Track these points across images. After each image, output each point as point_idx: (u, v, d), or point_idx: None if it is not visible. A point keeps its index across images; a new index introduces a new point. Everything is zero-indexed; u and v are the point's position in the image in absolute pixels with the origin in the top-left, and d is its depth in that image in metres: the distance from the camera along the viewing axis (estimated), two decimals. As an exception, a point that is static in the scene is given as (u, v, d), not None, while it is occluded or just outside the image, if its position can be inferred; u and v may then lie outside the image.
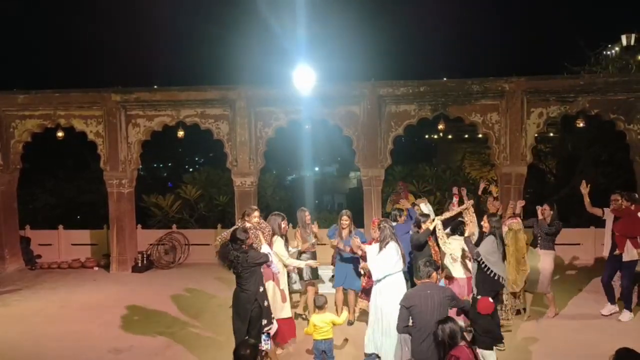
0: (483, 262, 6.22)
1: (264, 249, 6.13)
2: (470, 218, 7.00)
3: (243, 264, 5.67)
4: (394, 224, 6.94)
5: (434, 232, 6.79)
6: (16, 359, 6.73)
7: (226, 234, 6.31)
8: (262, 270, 5.92)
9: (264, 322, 5.81)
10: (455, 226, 7.09)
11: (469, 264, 6.72)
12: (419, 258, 6.34)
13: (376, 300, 6.13)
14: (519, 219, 7.46)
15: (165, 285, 9.74)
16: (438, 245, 6.85)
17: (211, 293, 9.25)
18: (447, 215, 7.23)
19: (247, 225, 6.35)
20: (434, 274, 6.66)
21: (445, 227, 6.95)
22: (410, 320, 5.01)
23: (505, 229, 6.90)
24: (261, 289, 5.85)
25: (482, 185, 8.75)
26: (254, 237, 6.10)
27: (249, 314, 5.70)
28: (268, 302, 5.96)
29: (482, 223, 6.62)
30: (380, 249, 6.15)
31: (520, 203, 7.95)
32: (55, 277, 10.66)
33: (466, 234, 6.76)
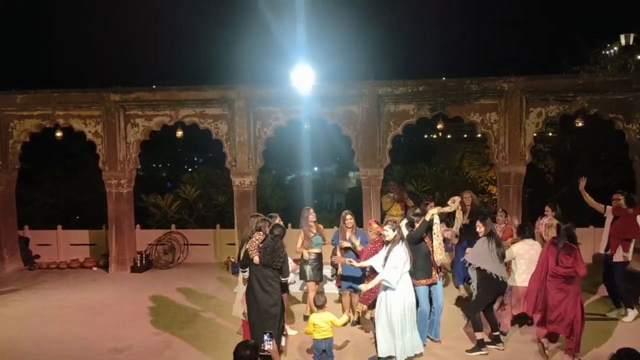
0: (478, 266, 6.27)
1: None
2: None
3: (282, 259, 5.78)
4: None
5: (429, 229, 6.70)
6: (16, 359, 6.72)
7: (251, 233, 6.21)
8: None
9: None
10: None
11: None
12: (417, 257, 6.32)
13: (385, 303, 5.94)
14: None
15: (164, 285, 9.74)
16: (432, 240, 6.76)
17: (210, 293, 9.26)
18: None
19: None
20: (434, 273, 6.67)
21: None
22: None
23: (542, 228, 6.85)
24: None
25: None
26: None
27: (275, 314, 5.76)
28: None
29: (477, 228, 6.64)
30: (390, 251, 5.96)
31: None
32: (54, 277, 10.66)
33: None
